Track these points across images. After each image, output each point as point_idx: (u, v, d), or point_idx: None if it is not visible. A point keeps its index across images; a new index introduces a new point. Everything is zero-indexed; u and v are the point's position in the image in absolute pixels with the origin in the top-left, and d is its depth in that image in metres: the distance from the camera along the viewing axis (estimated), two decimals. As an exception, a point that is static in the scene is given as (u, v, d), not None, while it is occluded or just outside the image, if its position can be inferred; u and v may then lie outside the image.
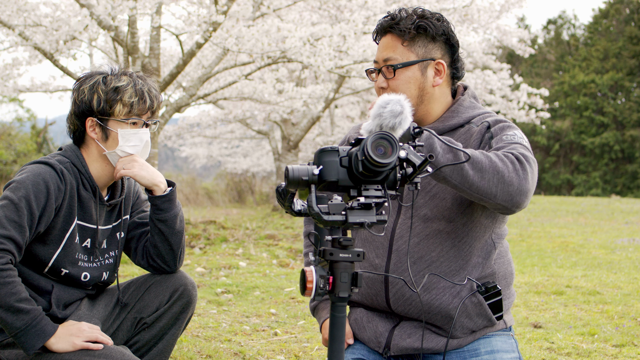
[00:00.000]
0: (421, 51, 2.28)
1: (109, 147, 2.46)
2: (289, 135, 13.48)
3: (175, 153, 29.62)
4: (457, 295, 2.28)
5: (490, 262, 2.34)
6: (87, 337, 2.34)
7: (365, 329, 2.40)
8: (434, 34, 2.27)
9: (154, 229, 2.55)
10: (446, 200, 2.26)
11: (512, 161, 2.07)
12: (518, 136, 2.22)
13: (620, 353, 3.73)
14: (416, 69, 2.27)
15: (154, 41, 7.79)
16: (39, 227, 2.33)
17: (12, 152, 13.83)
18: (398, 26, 2.27)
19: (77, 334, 2.33)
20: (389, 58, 2.28)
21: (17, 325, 2.24)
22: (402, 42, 2.27)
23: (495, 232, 2.35)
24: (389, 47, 2.29)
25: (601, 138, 32.25)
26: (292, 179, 1.74)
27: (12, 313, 2.23)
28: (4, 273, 2.21)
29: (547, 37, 38.44)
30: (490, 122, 2.28)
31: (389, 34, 2.30)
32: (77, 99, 2.46)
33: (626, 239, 9.86)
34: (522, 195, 2.07)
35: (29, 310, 2.25)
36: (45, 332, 2.28)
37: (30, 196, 2.28)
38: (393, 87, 2.27)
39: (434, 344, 2.31)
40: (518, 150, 2.14)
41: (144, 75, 2.53)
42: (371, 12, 8.61)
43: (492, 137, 2.24)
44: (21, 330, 2.25)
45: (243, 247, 7.72)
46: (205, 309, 4.67)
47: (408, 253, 2.23)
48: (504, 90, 13.88)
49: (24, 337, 2.26)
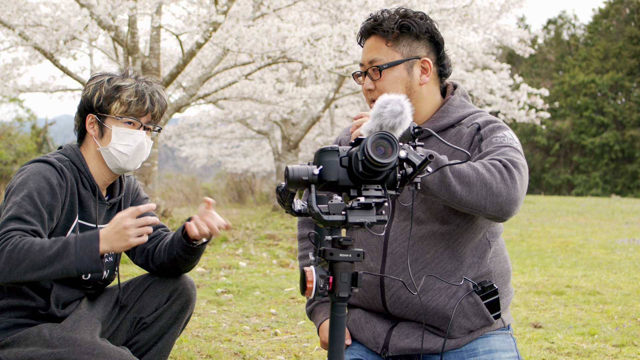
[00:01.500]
0: (406, 50, 2.28)
1: (103, 144, 2.46)
2: (289, 135, 13.48)
3: (175, 153, 29.63)
4: (454, 295, 2.28)
5: (486, 261, 2.33)
6: (134, 227, 2.26)
7: (364, 330, 2.40)
8: (418, 32, 2.27)
9: (171, 256, 2.53)
10: (439, 202, 2.26)
11: (500, 170, 2.06)
12: (508, 137, 2.21)
13: (620, 353, 3.73)
14: (402, 68, 2.27)
15: (154, 41, 7.79)
16: (51, 223, 2.34)
17: (12, 152, 13.83)
18: (381, 27, 2.27)
19: (123, 231, 2.25)
20: (374, 59, 2.28)
21: (68, 263, 2.20)
22: (387, 42, 2.27)
23: (489, 230, 2.34)
24: (373, 49, 2.29)
25: (601, 138, 32.26)
26: (292, 179, 1.74)
27: (56, 261, 2.20)
28: (19, 245, 2.19)
29: (547, 37, 38.45)
30: (480, 124, 2.26)
31: (373, 35, 2.30)
32: (82, 96, 2.50)
33: (626, 239, 9.86)
34: (512, 204, 2.07)
35: (63, 243, 2.21)
36: (92, 244, 2.23)
37: (33, 194, 2.28)
38: (380, 88, 2.27)
39: (431, 344, 2.31)
40: (507, 154, 2.12)
41: (152, 81, 2.53)
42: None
43: (481, 139, 2.23)
44: (76, 260, 2.21)
45: (243, 247, 7.72)
46: (205, 309, 4.67)
47: (408, 254, 2.23)
48: (504, 90, 13.88)
49: (81, 263, 2.21)
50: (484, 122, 2.27)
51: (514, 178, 2.07)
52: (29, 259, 2.20)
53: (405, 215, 2.29)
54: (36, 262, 2.20)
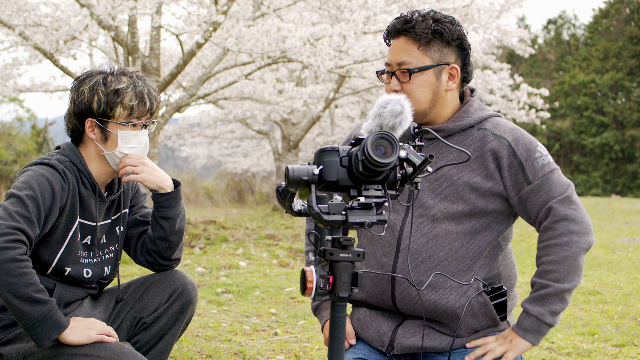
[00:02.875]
0: (436, 55, 2.27)
1: (108, 148, 2.46)
2: (289, 135, 13.48)
3: (175, 153, 29.61)
4: (464, 294, 2.29)
5: (497, 263, 2.35)
6: (100, 330, 2.33)
7: (369, 328, 2.40)
8: (449, 38, 2.26)
9: (155, 225, 2.55)
10: (458, 205, 2.27)
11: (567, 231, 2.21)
12: (544, 155, 2.27)
13: (620, 353, 3.73)
14: (431, 73, 2.27)
15: (154, 41, 7.79)
16: (45, 227, 2.32)
17: (12, 152, 13.82)
18: (414, 29, 2.25)
19: (91, 326, 2.32)
20: (404, 62, 2.26)
21: (34, 315, 2.20)
22: (419, 46, 2.25)
23: (503, 235, 2.37)
24: (403, 50, 2.27)
25: (601, 138, 32.24)
26: (292, 178, 1.74)
27: (29, 303, 2.19)
28: (21, 263, 2.18)
29: (547, 37, 38.44)
30: (509, 141, 2.27)
31: (403, 36, 2.28)
32: (77, 99, 2.45)
33: (626, 239, 9.86)
34: (590, 236, 2.24)
35: (45, 301, 2.22)
36: (60, 324, 2.25)
37: (37, 195, 2.27)
38: (407, 91, 2.26)
39: (437, 342, 2.32)
40: (556, 189, 2.23)
41: (143, 75, 2.52)
42: (371, 12, 8.62)
43: (521, 164, 2.26)
44: (38, 321, 2.21)
45: (243, 247, 7.72)
46: (205, 309, 4.67)
47: (408, 253, 2.24)
48: (504, 90, 13.89)
49: (40, 328, 2.22)
50: (514, 140, 2.29)
51: (578, 211, 2.23)
52: (15, 283, 2.16)
53: (422, 211, 2.30)
54: (16, 292, 2.17)
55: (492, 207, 2.29)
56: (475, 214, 2.28)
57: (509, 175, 2.26)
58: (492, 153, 2.27)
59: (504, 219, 2.33)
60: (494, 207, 2.29)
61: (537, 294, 2.22)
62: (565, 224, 2.21)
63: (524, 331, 2.23)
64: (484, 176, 2.27)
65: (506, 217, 2.34)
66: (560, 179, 2.26)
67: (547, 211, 2.24)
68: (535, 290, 2.24)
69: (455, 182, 2.28)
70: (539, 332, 2.23)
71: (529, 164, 2.25)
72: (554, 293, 2.20)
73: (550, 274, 2.21)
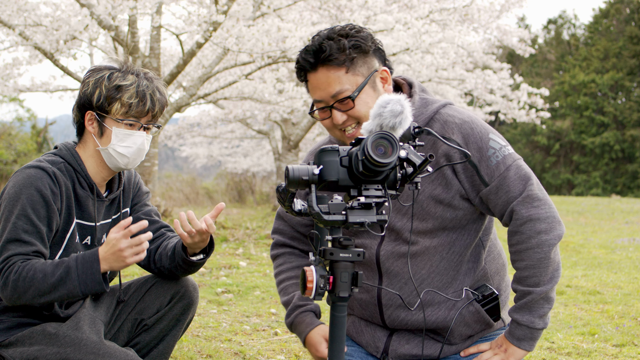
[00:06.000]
0: (364, 69, 2.17)
1: (103, 144, 2.44)
2: (289, 135, 13.48)
3: (175, 153, 29.63)
4: (454, 307, 2.28)
5: (481, 263, 2.33)
6: (132, 252, 2.28)
7: (364, 333, 2.40)
8: (366, 47, 2.17)
9: (179, 266, 2.54)
10: (427, 222, 2.22)
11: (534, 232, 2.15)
12: (497, 149, 2.16)
13: (620, 353, 3.73)
14: (368, 87, 2.17)
15: (154, 41, 7.79)
16: (50, 233, 2.35)
17: (12, 152, 13.84)
18: (332, 56, 2.13)
19: (119, 253, 2.28)
20: (339, 91, 2.14)
21: (73, 287, 2.26)
22: (346, 70, 2.14)
23: (482, 231, 2.33)
24: (332, 81, 2.14)
25: (601, 138, 32.24)
26: (293, 178, 1.74)
27: (60, 286, 2.26)
28: (23, 270, 2.24)
29: (548, 37, 38.44)
30: (459, 143, 2.16)
31: (324, 67, 2.14)
32: (81, 91, 2.46)
33: (626, 239, 9.86)
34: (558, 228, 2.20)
35: (66, 272, 2.26)
36: (93, 266, 2.28)
37: (27, 210, 2.29)
38: (355, 115, 2.16)
39: (432, 350, 2.32)
40: (515, 184, 2.14)
41: (153, 77, 2.48)
42: (371, 12, 8.61)
43: (475, 166, 2.16)
44: (79, 285, 2.26)
45: (243, 247, 7.72)
46: (205, 309, 4.67)
47: (410, 270, 2.21)
48: (504, 90, 13.87)
49: (84, 287, 2.27)
50: (462, 139, 2.17)
51: (540, 208, 2.15)
52: (34, 287, 2.24)
53: (395, 236, 2.26)
54: (41, 289, 2.25)
55: (462, 213, 2.22)
56: (446, 225, 2.23)
57: (465, 179, 2.19)
58: (446, 158, 2.18)
59: (478, 216, 2.27)
60: (464, 212, 2.23)
61: (522, 302, 2.19)
62: (531, 225, 2.14)
63: (518, 340, 2.21)
64: (444, 185, 2.19)
65: (480, 214, 2.28)
66: (519, 174, 2.15)
67: (510, 214, 2.16)
68: (519, 298, 2.20)
69: (418, 198, 2.20)
70: (533, 339, 2.21)
71: (483, 165, 2.16)
72: (537, 298, 2.17)
73: (528, 279, 2.16)
